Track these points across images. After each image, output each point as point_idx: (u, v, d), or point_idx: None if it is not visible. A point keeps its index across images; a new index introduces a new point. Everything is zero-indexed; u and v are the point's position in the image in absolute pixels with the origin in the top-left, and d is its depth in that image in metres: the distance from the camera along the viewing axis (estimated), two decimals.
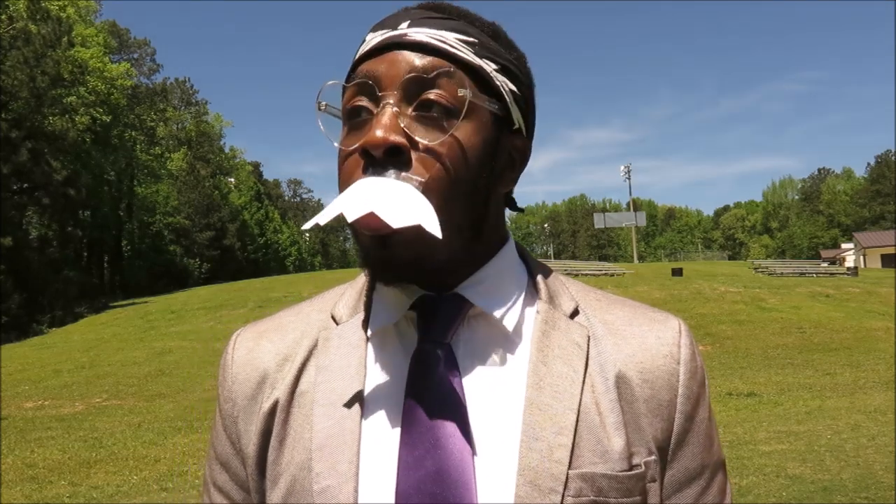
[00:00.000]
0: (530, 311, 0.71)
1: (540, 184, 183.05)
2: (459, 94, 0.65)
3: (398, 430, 0.65)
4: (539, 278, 0.74)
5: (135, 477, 6.85)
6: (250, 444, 0.72)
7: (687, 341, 0.72)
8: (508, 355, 0.68)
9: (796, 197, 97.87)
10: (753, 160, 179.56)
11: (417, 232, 0.61)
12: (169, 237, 48.65)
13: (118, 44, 48.16)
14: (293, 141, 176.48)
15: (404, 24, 0.67)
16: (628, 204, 67.68)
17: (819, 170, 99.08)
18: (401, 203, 0.60)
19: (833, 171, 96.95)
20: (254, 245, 61.76)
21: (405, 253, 0.63)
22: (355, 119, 0.67)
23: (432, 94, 0.65)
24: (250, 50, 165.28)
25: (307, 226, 0.64)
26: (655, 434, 0.67)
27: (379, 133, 0.62)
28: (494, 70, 0.68)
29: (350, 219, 0.59)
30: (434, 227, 0.60)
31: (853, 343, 15.40)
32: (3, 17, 28.41)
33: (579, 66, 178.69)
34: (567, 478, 0.62)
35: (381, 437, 0.65)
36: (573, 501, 0.62)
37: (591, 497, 0.62)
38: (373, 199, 0.60)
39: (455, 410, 0.64)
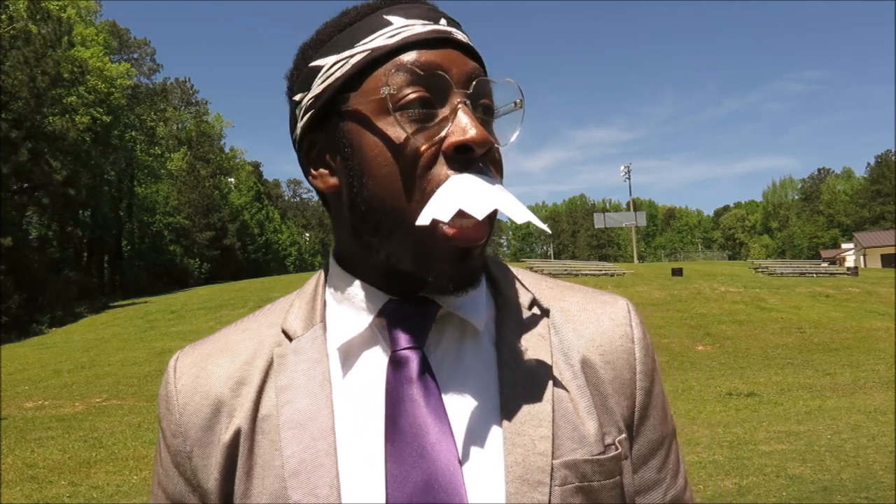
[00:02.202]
0: (492, 308, 0.71)
1: (540, 184, 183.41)
2: (517, 104, 0.67)
3: (381, 444, 0.62)
4: (496, 274, 0.73)
5: (135, 477, 6.86)
6: (210, 479, 0.66)
7: (637, 320, 0.73)
8: (479, 355, 0.68)
9: (796, 197, 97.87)
10: (754, 160, 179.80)
11: (487, 241, 0.64)
12: (169, 237, 48.64)
13: (118, 44, 48.14)
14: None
15: (443, 22, 0.66)
16: (628, 204, 67.69)
17: (819, 170, 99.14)
18: (515, 202, 0.61)
19: (833, 171, 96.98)
20: (254, 245, 61.75)
21: (478, 264, 0.66)
22: (413, 110, 0.62)
23: (490, 101, 0.66)
24: (250, 50, 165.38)
25: (425, 221, 0.59)
26: (622, 412, 0.69)
27: (479, 131, 0.61)
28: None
29: (480, 216, 0.58)
30: (542, 224, 0.63)
31: (853, 343, 15.40)
32: (3, 17, 28.41)
33: (581, 65, 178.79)
34: (552, 468, 0.62)
35: (363, 454, 0.63)
36: (560, 490, 0.62)
37: (577, 483, 0.63)
38: (495, 197, 0.60)
39: (437, 417, 0.62)
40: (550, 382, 0.66)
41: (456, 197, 0.59)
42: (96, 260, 44.75)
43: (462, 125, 0.61)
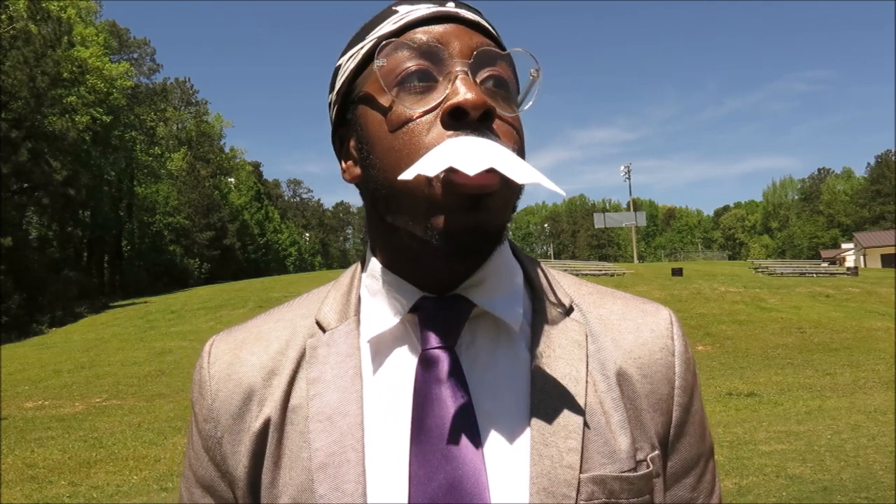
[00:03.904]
0: (528, 310, 0.69)
1: None
2: (532, 75, 0.65)
3: (407, 443, 0.62)
4: (533, 275, 0.72)
5: (135, 477, 6.85)
6: (239, 466, 0.67)
7: (679, 332, 0.71)
8: (511, 358, 0.66)
9: (796, 197, 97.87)
10: (754, 160, 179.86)
11: (506, 197, 0.61)
12: (169, 237, 48.65)
13: (118, 44, 48.14)
14: (293, 141, 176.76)
15: (450, 4, 0.66)
16: (628, 204, 67.70)
17: (819, 170, 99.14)
18: (518, 161, 0.57)
19: (833, 171, 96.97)
20: (254, 245, 61.76)
21: (494, 218, 0.61)
22: (412, 83, 0.62)
23: (501, 71, 0.64)
24: (250, 50, 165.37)
25: (409, 175, 0.57)
26: (657, 428, 0.67)
27: (475, 94, 0.59)
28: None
29: (472, 172, 0.55)
30: (553, 184, 0.59)
31: (853, 343, 15.39)
32: (3, 17, 28.40)
33: (583, 65, 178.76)
34: (579, 482, 0.61)
35: (389, 452, 0.62)
36: None
37: (604, 499, 0.61)
38: (491, 155, 0.56)
39: (465, 419, 0.61)
40: (584, 392, 0.64)
41: (447, 154, 0.57)
42: (96, 260, 44.74)
43: (458, 90, 0.60)
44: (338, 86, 0.68)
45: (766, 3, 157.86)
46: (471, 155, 0.56)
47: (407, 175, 0.57)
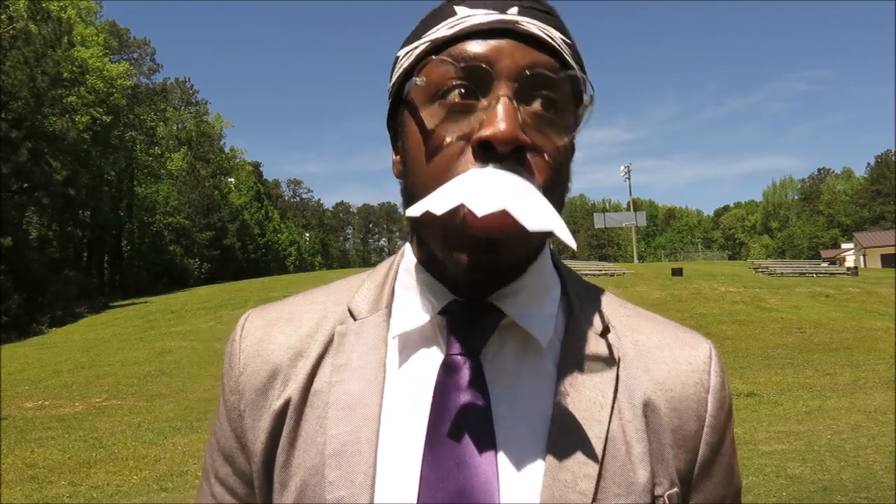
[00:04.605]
0: (561, 328, 0.67)
1: None
2: (586, 100, 0.63)
3: (421, 444, 0.61)
4: (572, 291, 0.70)
5: (135, 477, 6.85)
6: (257, 442, 0.67)
7: (717, 368, 0.68)
8: (537, 374, 0.64)
9: (796, 197, 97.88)
10: (754, 160, 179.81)
11: (527, 238, 0.57)
12: (169, 237, 48.64)
13: (118, 44, 48.14)
14: (293, 141, 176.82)
15: (513, 10, 0.62)
16: (628, 204, 67.68)
17: (819, 170, 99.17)
18: (535, 204, 0.55)
19: (833, 171, 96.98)
20: (254, 245, 61.75)
21: (511, 259, 0.60)
22: (452, 101, 0.60)
23: (552, 94, 0.61)
24: (250, 50, 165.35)
25: (416, 212, 0.56)
26: (679, 465, 0.64)
27: (506, 127, 0.56)
28: (584, 79, 0.64)
29: (480, 213, 0.53)
30: (567, 235, 0.55)
31: (853, 343, 15.39)
32: (3, 17, 28.41)
33: (584, 65, 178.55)
34: None
35: (401, 451, 0.62)
36: None
37: None
38: (506, 196, 0.54)
39: (482, 429, 0.60)
40: (607, 419, 0.62)
41: (461, 190, 0.55)
42: (96, 260, 44.74)
43: (494, 119, 0.57)
44: (393, 79, 0.67)
45: (766, 3, 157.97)
46: (484, 193, 0.54)
47: (414, 211, 0.56)
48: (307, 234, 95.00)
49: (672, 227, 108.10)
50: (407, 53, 0.65)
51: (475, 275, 0.60)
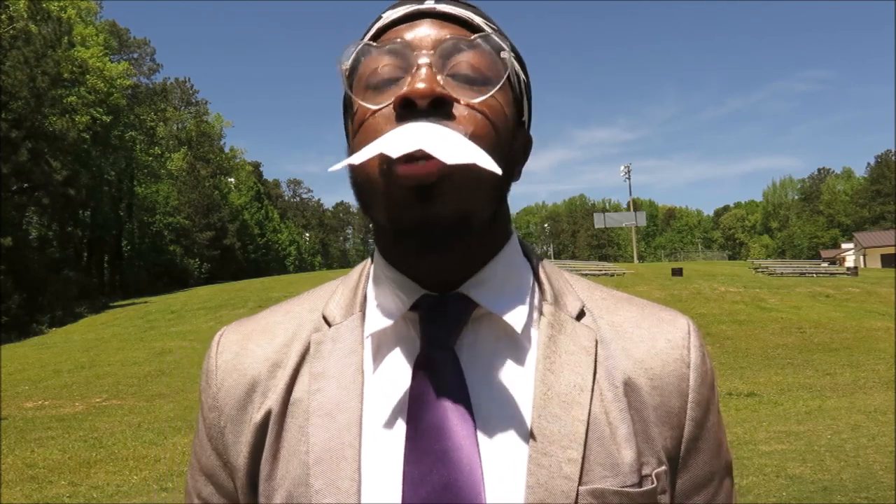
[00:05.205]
0: (536, 313, 0.67)
1: (542, 183, 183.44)
2: (501, 56, 0.64)
3: (401, 443, 0.61)
4: (543, 276, 0.69)
5: (135, 477, 6.85)
6: (240, 457, 0.67)
7: (697, 342, 0.68)
8: (514, 361, 0.64)
9: (796, 197, 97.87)
10: (754, 160, 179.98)
11: (463, 183, 0.57)
12: (169, 237, 48.65)
13: (118, 44, 48.13)
14: (293, 141, 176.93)
15: (430, 1, 0.65)
16: (628, 204, 67.69)
17: (819, 170, 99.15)
18: (452, 142, 0.56)
19: (833, 171, 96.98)
20: (254, 245, 61.76)
21: (449, 209, 0.58)
22: (381, 82, 0.63)
23: (471, 58, 0.63)
24: (250, 50, 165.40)
25: (338, 167, 0.59)
26: (665, 443, 0.64)
27: (422, 84, 0.58)
28: (513, 56, 0.65)
29: (394, 155, 0.54)
30: (491, 163, 0.55)
31: (853, 343, 15.39)
32: (3, 17, 28.40)
33: (584, 65, 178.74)
34: (577, 494, 0.58)
35: (384, 451, 0.61)
36: None
37: None
38: (421, 137, 0.55)
39: (462, 422, 0.60)
40: (588, 402, 0.61)
41: (379, 142, 0.56)
42: (96, 260, 44.75)
43: (414, 81, 0.59)
44: (343, 94, 0.70)
45: (766, 3, 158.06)
46: (399, 137, 0.55)
47: (336, 166, 0.59)
48: (307, 234, 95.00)
49: (672, 227, 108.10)
50: (344, 63, 0.68)
51: (417, 231, 0.59)
